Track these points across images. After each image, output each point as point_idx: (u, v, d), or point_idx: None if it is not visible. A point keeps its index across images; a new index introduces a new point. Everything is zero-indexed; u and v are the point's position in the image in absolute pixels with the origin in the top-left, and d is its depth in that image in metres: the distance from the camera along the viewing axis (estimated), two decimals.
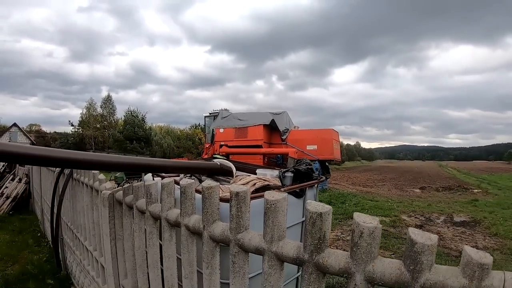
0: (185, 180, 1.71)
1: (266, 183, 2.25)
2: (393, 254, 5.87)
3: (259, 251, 1.37)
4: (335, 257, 1.18)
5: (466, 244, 6.28)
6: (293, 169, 2.67)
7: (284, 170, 2.70)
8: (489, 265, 1.06)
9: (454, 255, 6.07)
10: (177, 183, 2.10)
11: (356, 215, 1.13)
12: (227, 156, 14.92)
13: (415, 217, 9.80)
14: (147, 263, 2.28)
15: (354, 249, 1.12)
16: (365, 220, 1.10)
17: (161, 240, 2.10)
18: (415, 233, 1.08)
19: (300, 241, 1.33)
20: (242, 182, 2.23)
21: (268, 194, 1.29)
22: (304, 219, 2.68)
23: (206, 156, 17.67)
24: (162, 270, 2.11)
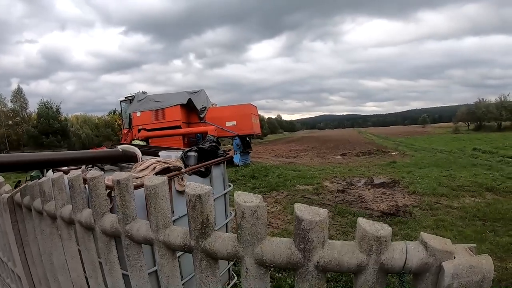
0: (72, 173, 1.55)
1: (166, 165, 2.12)
2: None
3: (148, 241, 1.27)
4: (221, 241, 1.10)
5: (387, 203, 6.55)
6: (196, 148, 2.56)
7: (187, 150, 2.58)
8: (387, 237, 1.02)
9: (376, 215, 6.43)
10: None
11: (237, 194, 1.05)
12: (146, 140, 14.48)
13: (337, 183, 10.09)
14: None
15: (239, 231, 1.05)
16: (246, 199, 1.03)
17: None
18: (301, 210, 1.02)
19: None
20: (141, 168, 2.09)
21: (148, 180, 1.18)
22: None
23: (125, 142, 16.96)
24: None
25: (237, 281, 3.31)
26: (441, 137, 37.40)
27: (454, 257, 1.04)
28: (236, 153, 14.70)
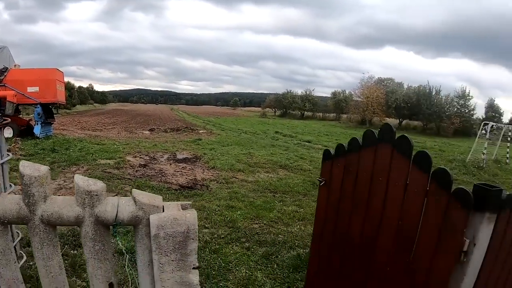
0: None
1: None
2: (116, 195, 5.85)
3: None
4: None
5: (186, 177, 7.01)
6: None
7: None
8: (98, 191, 1.16)
9: (174, 189, 6.74)
10: None
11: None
12: None
13: (140, 157, 10.18)
14: None
15: None
16: None
17: None
18: (24, 166, 1.11)
19: None
20: None
21: None
22: None
23: None
24: None
25: (26, 261, 2.82)
26: (249, 120, 40.40)
27: (163, 211, 1.22)
28: (37, 124, 12.76)
